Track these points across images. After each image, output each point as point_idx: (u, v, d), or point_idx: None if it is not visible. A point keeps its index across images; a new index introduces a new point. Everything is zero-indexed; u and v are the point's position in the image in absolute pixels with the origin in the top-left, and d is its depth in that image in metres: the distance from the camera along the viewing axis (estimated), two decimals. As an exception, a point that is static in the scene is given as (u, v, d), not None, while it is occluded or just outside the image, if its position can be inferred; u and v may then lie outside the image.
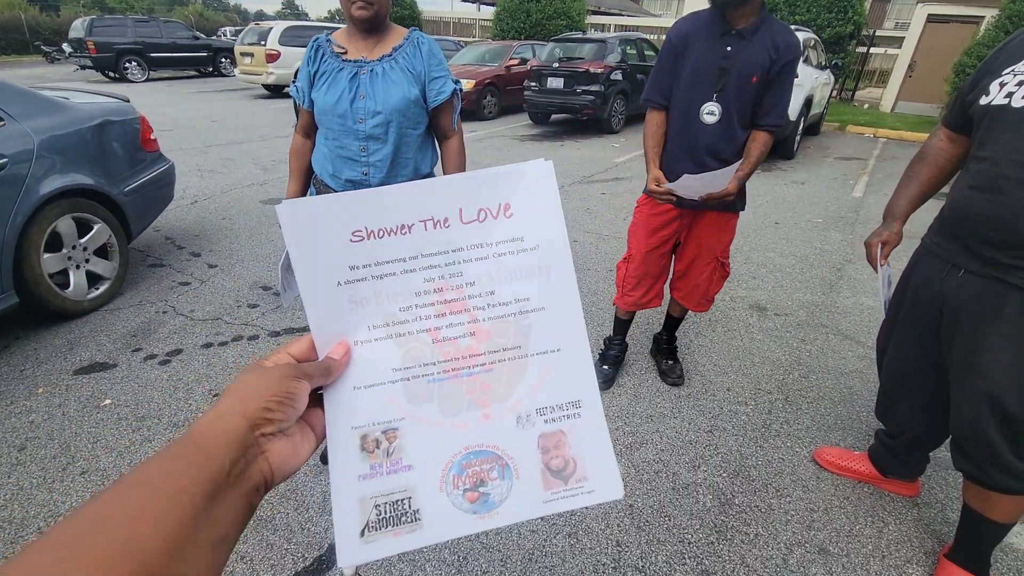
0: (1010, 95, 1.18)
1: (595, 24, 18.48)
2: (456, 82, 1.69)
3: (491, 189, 0.45)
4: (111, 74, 13.44)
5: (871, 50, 13.04)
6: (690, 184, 1.81)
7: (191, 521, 0.29)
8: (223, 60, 15.27)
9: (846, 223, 4.71)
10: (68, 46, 13.91)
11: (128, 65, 13.39)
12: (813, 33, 7.84)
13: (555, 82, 8.21)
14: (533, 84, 8.49)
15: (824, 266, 3.76)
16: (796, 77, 1.86)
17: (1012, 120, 1.16)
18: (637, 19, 21.54)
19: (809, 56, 6.96)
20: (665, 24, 18.15)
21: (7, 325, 2.60)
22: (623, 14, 22.72)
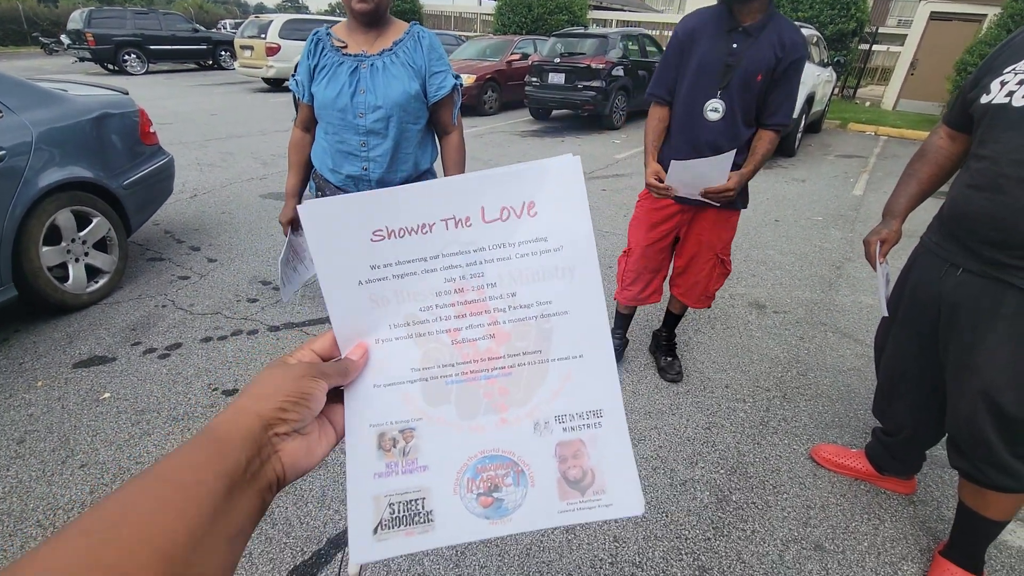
0: (1011, 94, 1.17)
1: (597, 19, 18.40)
2: (456, 77, 1.69)
3: (515, 186, 0.43)
4: (110, 66, 13.36)
5: (873, 47, 12.98)
6: (682, 175, 1.80)
7: (210, 515, 0.30)
8: (223, 53, 15.19)
9: (846, 221, 4.71)
10: (66, 38, 13.84)
11: (127, 57, 13.32)
12: (815, 30, 7.81)
13: (556, 78, 8.19)
14: (534, 79, 8.46)
15: (823, 264, 3.76)
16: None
17: (1013, 119, 1.16)
18: (639, 15, 21.44)
19: (811, 53, 6.94)
20: (667, 20, 18.08)
21: (6, 318, 2.60)
22: (625, 9, 22.62)
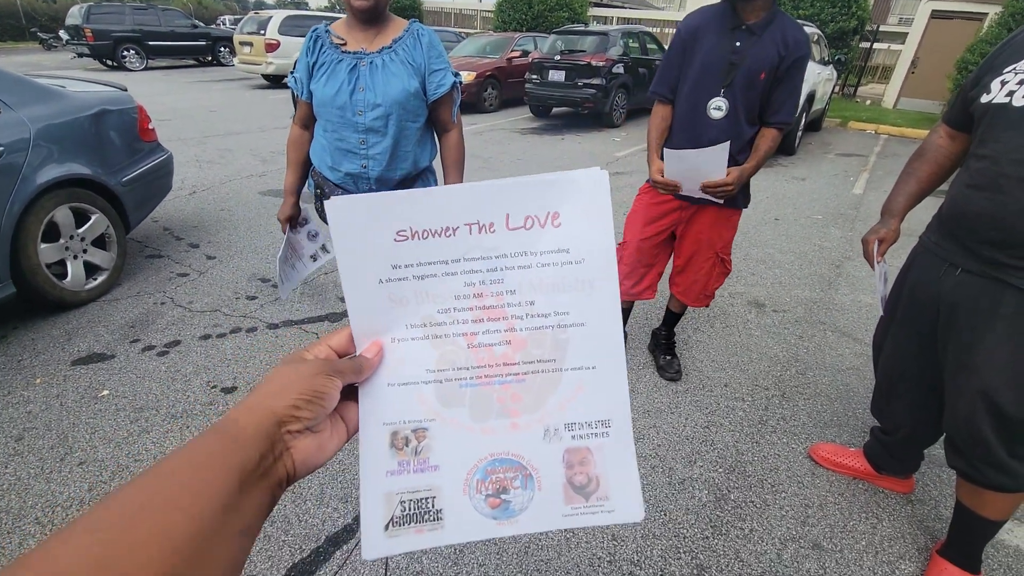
0: (1011, 94, 1.17)
1: (597, 16, 18.35)
2: (456, 75, 1.68)
3: (541, 196, 0.43)
4: (108, 62, 13.32)
5: (874, 46, 12.95)
6: (677, 165, 1.80)
7: (222, 509, 0.30)
8: (222, 49, 15.14)
9: (846, 220, 4.71)
10: (65, 33, 13.78)
11: (126, 53, 13.26)
12: (816, 28, 7.80)
13: (556, 75, 8.17)
14: (534, 77, 8.44)
15: (823, 263, 3.76)
16: None
17: (1013, 119, 1.16)
18: (640, 12, 21.37)
19: (812, 51, 6.93)
20: (668, 18, 18.02)
21: (5, 315, 2.59)
22: (626, 7, 22.58)
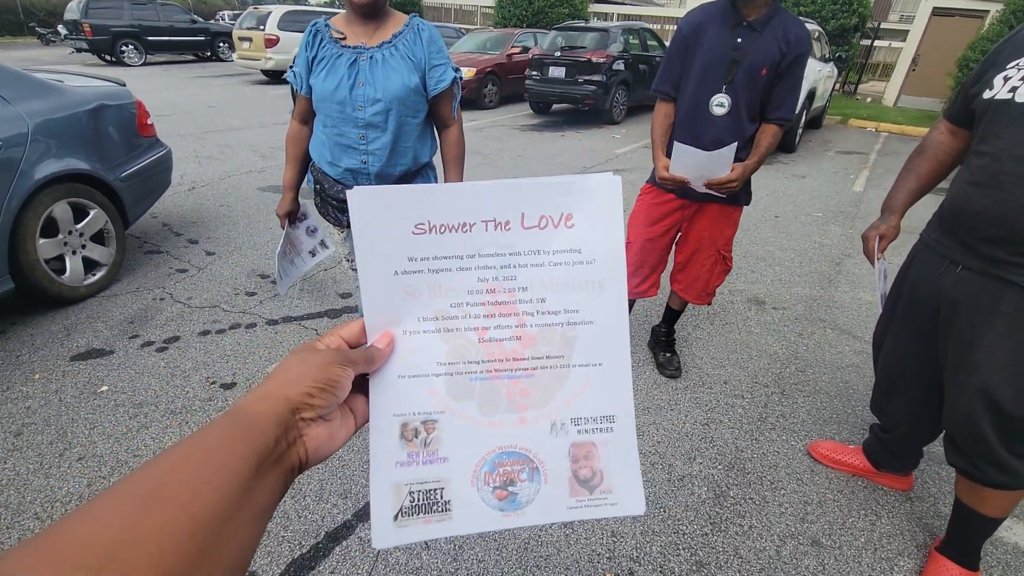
0: (1014, 90, 1.16)
1: (598, 13, 18.27)
2: (456, 70, 1.67)
3: (555, 197, 0.45)
4: (107, 57, 13.24)
5: (875, 43, 12.91)
6: (684, 160, 1.80)
7: (240, 491, 0.31)
8: (221, 44, 15.07)
9: (846, 217, 4.71)
10: (63, 28, 13.69)
11: (124, 48, 13.19)
12: (817, 25, 7.77)
13: (557, 71, 8.14)
14: (535, 73, 8.41)
15: (823, 260, 3.76)
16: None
17: (1015, 115, 1.15)
18: (640, 9, 21.31)
19: (813, 49, 6.91)
20: (669, 14, 17.97)
21: (3, 311, 2.59)
22: (626, 3, 22.49)
